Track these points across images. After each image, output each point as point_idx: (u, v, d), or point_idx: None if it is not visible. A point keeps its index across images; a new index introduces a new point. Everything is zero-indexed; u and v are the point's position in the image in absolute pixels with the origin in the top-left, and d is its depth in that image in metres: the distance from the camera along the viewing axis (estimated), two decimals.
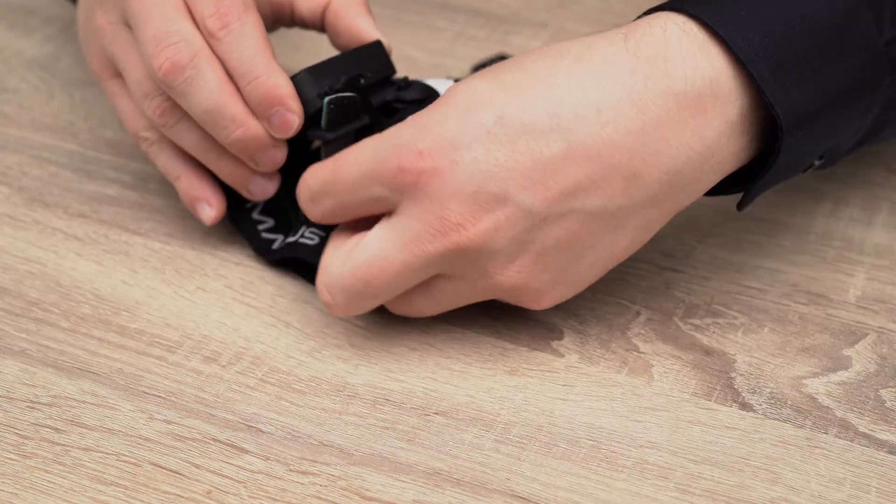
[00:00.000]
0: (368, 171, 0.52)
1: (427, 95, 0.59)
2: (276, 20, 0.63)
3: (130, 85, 0.59)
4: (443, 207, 0.51)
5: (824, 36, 0.52)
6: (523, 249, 0.52)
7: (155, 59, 0.56)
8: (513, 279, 0.53)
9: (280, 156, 0.58)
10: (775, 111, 0.51)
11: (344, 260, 0.54)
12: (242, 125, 0.56)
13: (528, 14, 0.81)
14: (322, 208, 0.55)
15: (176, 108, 0.58)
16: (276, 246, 0.60)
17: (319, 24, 0.61)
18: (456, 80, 0.61)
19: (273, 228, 0.61)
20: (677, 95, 0.51)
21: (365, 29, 0.60)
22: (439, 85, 0.60)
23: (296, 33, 0.70)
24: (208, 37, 0.56)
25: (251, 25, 0.56)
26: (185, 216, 0.64)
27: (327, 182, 0.54)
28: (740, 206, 0.56)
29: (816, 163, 0.55)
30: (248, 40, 0.55)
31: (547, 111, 0.51)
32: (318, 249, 0.58)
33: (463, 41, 0.78)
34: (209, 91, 0.56)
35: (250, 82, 0.55)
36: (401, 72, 0.62)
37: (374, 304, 0.54)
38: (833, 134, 0.54)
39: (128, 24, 0.58)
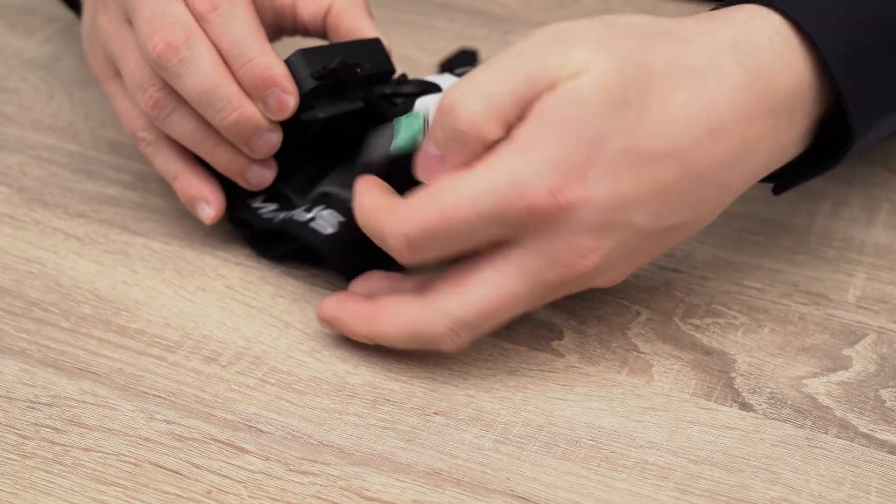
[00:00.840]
0: (490, 215, 0.49)
1: (424, 89, 0.59)
2: (279, 28, 0.63)
3: (125, 78, 0.59)
4: (570, 242, 0.50)
5: None
6: (624, 260, 0.53)
7: (149, 40, 0.55)
8: (610, 280, 0.54)
9: (276, 140, 0.57)
10: (851, 121, 0.52)
11: (461, 298, 0.51)
12: (239, 107, 0.56)
13: (528, 14, 0.81)
14: (425, 255, 0.51)
15: (170, 97, 0.57)
16: (276, 220, 0.60)
17: (321, 29, 0.61)
18: (459, 74, 0.61)
19: (276, 211, 0.61)
20: (780, 110, 0.52)
21: (366, 31, 0.60)
22: (441, 80, 0.60)
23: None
24: (199, 18, 0.55)
25: (241, 6, 0.56)
26: (185, 216, 0.64)
27: (437, 229, 0.50)
28: (779, 190, 0.58)
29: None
30: (238, 21, 0.55)
31: (667, 138, 0.50)
32: (336, 240, 0.57)
33: (463, 41, 0.78)
34: (204, 71, 0.55)
35: (244, 64, 0.55)
36: (400, 72, 0.62)
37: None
38: (888, 132, 0.56)
39: (129, 21, 0.58)
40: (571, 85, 0.49)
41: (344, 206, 0.58)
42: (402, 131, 0.56)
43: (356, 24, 0.60)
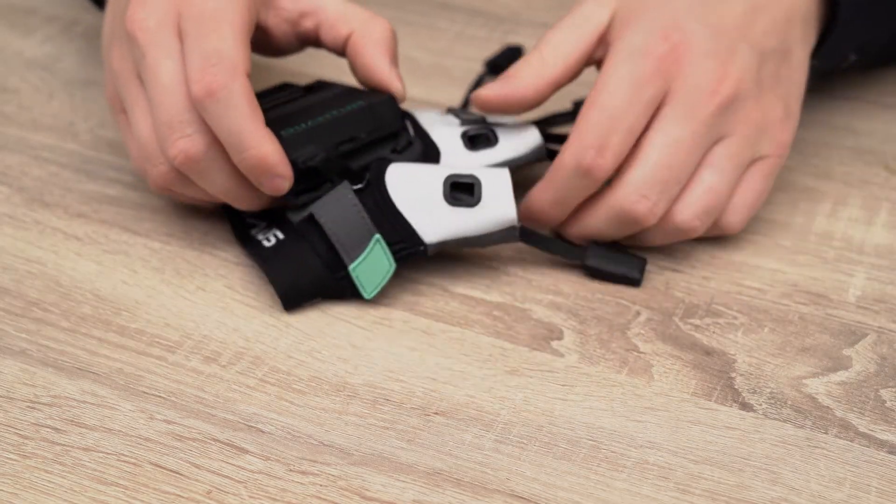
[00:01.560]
0: (634, 81, 0.57)
1: (424, 155, 0.60)
2: (303, 43, 0.64)
3: (138, 140, 0.59)
4: (702, 71, 0.58)
5: None
6: (762, 88, 0.60)
7: (170, 148, 0.57)
8: (778, 110, 0.60)
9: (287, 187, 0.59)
10: None
11: (639, 166, 0.58)
12: (257, 202, 0.60)
13: (529, 14, 0.81)
14: (613, 150, 0.58)
15: (183, 178, 0.59)
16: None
17: (342, 53, 0.63)
18: (468, 128, 0.62)
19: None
20: None
21: (381, 70, 0.61)
22: (443, 132, 0.61)
23: None
24: (195, 102, 0.55)
25: (238, 94, 0.55)
26: (184, 216, 0.64)
27: (603, 125, 0.57)
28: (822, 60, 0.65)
29: (853, 57, 0.66)
30: (234, 111, 0.55)
31: None
32: (273, 253, 0.59)
33: (463, 41, 0.78)
34: (222, 178, 0.58)
35: (241, 153, 0.56)
36: (401, 71, 0.62)
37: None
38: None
39: (139, 77, 0.58)
40: None
41: (288, 225, 0.60)
42: (367, 279, 0.58)
43: (372, 62, 0.61)
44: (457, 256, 0.62)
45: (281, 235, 0.59)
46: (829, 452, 0.52)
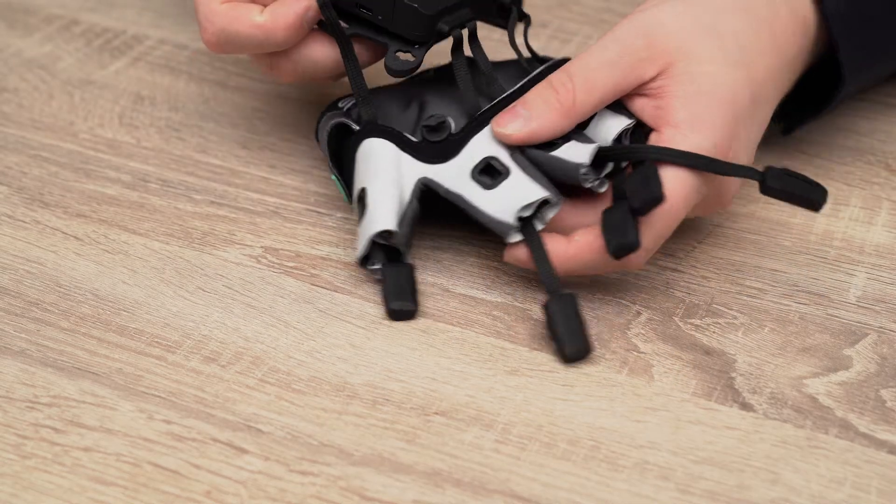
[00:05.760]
0: (691, 193, 0.57)
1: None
2: None
3: None
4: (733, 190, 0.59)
5: None
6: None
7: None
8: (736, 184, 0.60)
9: None
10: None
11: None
12: None
13: (529, 14, 0.81)
14: (654, 244, 0.57)
15: None
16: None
17: None
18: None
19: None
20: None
21: None
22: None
23: None
24: None
25: None
26: (184, 216, 0.64)
27: (664, 230, 0.57)
28: (788, 130, 0.66)
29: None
30: None
31: (768, 75, 0.60)
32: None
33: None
34: None
35: None
36: None
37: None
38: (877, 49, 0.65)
39: None
40: (691, 62, 0.58)
41: None
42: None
43: None
44: (457, 257, 0.62)
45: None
46: (830, 453, 0.52)
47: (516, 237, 0.57)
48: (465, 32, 0.62)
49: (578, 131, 0.59)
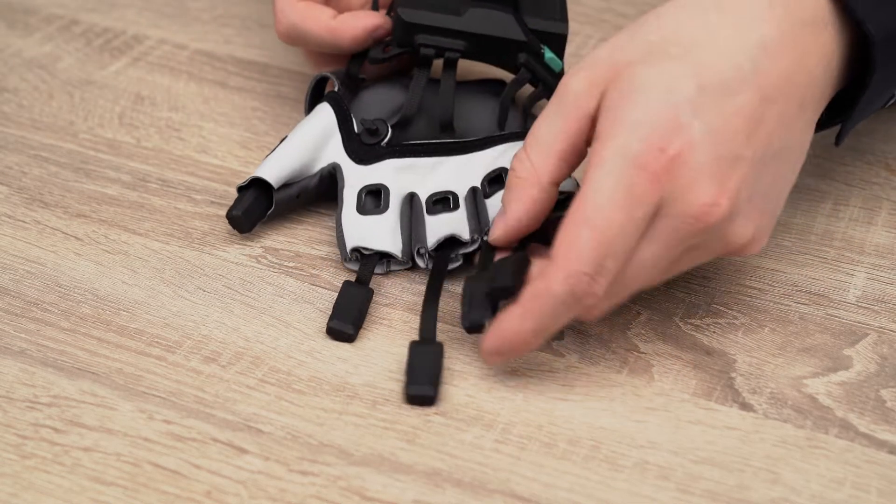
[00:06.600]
0: (629, 199, 0.51)
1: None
2: None
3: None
4: (694, 192, 0.52)
5: None
6: (751, 204, 0.54)
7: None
8: (748, 234, 0.54)
9: None
10: (866, 27, 0.55)
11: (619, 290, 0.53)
12: None
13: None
14: (607, 275, 0.51)
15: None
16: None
17: None
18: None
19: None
20: (808, 21, 0.55)
21: None
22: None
23: None
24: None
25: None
26: (184, 216, 0.64)
27: (599, 248, 0.51)
28: (840, 138, 0.61)
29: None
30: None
31: (730, 66, 0.53)
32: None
33: None
34: None
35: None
36: None
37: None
38: None
39: None
40: (626, 73, 0.53)
41: None
42: None
43: None
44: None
45: None
46: (830, 453, 0.52)
47: (351, 264, 0.61)
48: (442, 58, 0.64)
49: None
